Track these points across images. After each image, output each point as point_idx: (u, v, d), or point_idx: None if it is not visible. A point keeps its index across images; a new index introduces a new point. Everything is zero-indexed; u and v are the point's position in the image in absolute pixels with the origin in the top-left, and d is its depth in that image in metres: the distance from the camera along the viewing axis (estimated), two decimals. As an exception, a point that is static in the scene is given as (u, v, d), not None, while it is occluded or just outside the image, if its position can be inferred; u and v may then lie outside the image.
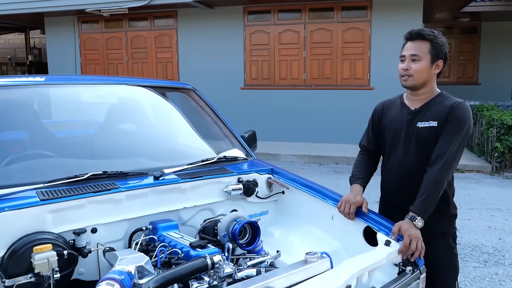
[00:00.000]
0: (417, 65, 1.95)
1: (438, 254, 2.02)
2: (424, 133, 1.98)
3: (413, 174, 2.00)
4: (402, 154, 2.06)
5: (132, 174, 2.03)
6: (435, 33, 1.97)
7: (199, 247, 1.65)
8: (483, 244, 4.24)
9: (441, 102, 1.99)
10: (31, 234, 1.61)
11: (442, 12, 10.79)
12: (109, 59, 10.66)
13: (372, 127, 2.23)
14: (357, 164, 2.24)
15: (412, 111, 2.05)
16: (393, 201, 2.15)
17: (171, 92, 2.96)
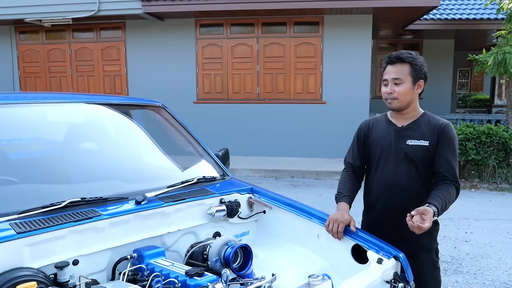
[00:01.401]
0: (400, 88, 2.02)
1: (423, 267, 2.08)
2: (414, 151, 2.04)
3: (403, 189, 2.07)
4: (391, 170, 2.10)
5: (112, 199, 1.90)
6: (412, 55, 2.04)
7: (196, 275, 1.56)
8: (441, 254, 4.41)
9: (428, 122, 2.08)
10: (9, 271, 1.45)
11: (388, 29, 11.40)
12: (51, 72, 10.10)
13: (357, 144, 2.27)
14: (342, 181, 2.26)
15: (400, 128, 2.11)
16: (380, 216, 2.17)
17: (140, 110, 2.84)
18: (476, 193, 7.15)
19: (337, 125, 9.02)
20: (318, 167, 8.35)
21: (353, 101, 8.95)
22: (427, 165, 2.06)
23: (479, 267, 4.08)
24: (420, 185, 2.08)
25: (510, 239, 4.87)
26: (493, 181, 7.63)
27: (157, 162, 2.54)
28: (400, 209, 2.01)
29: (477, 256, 4.37)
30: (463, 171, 8.00)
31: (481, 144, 7.49)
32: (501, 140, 7.35)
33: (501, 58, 7.51)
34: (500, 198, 6.78)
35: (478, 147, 7.50)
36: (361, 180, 2.31)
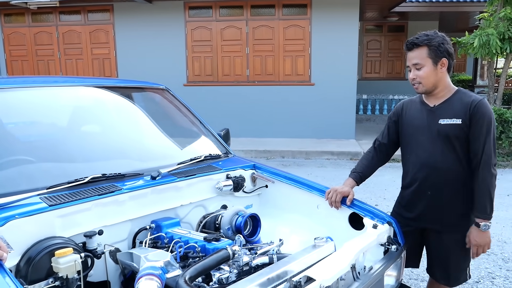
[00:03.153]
0: (421, 72, 2.01)
1: (455, 246, 2.16)
2: (447, 129, 2.03)
3: (438, 169, 2.08)
4: (426, 150, 2.11)
5: (129, 175, 2.05)
6: (428, 36, 2.00)
7: (214, 240, 1.73)
8: None
9: (461, 99, 2.04)
10: (44, 240, 1.59)
11: (374, 11, 11.53)
12: (39, 55, 10.00)
13: (389, 123, 2.30)
14: (362, 158, 2.37)
15: (432, 107, 2.10)
16: (413, 196, 2.21)
17: (145, 93, 2.96)
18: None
19: (325, 106, 9.20)
20: (308, 147, 8.56)
21: (341, 83, 9.11)
22: (462, 144, 2.04)
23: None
24: (456, 165, 2.07)
25: None
26: None
27: (165, 141, 2.68)
28: (435, 189, 2.10)
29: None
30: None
31: None
32: None
33: (484, 40, 7.68)
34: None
35: None
36: (384, 158, 2.36)
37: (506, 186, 6.22)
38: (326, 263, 1.62)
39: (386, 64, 13.75)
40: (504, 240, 4.22)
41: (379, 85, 13.19)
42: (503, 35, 7.66)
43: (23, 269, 1.50)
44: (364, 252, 1.90)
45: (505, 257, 3.84)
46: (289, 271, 1.55)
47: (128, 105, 2.78)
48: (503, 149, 7.95)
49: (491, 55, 7.89)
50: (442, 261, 2.18)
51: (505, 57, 8.21)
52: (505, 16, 7.60)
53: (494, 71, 9.05)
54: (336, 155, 8.23)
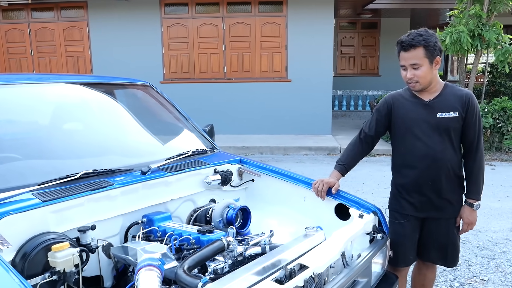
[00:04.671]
0: (419, 72, 2.07)
1: (452, 230, 2.32)
2: (446, 122, 2.13)
3: (437, 160, 2.17)
4: (424, 143, 2.18)
5: (120, 170, 2.06)
6: (423, 36, 2.05)
7: (207, 232, 1.77)
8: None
9: (453, 93, 2.16)
10: (38, 235, 1.59)
11: (348, 8, 11.72)
12: (10, 53, 9.73)
13: (378, 116, 2.34)
14: (346, 149, 2.43)
15: (427, 102, 2.17)
16: (415, 186, 2.27)
17: (129, 89, 2.95)
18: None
19: (302, 102, 9.32)
20: (286, 143, 8.65)
21: (317, 79, 9.25)
22: (456, 135, 2.17)
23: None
24: (452, 155, 2.19)
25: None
26: None
27: (152, 137, 2.68)
28: (434, 179, 2.20)
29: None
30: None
31: None
32: None
33: (456, 37, 7.90)
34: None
35: None
36: (368, 149, 2.43)
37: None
38: (318, 251, 1.68)
39: (360, 61, 13.99)
40: (478, 229, 4.39)
41: (353, 81, 13.43)
42: (473, 32, 7.91)
43: (19, 265, 1.50)
44: (352, 241, 1.97)
45: (480, 245, 4.01)
46: (283, 259, 1.60)
47: (114, 102, 2.77)
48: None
49: (463, 51, 8.11)
50: (441, 245, 2.31)
51: (475, 53, 8.48)
52: (474, 13, 7.83)
53: (465, 67, 9.34)
54: (314, 151, 8.36)
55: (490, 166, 7.25)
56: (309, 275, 1.50)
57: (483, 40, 8.00)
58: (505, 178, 6.43)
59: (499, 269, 3.53)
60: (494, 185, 6.04)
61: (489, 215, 4.82)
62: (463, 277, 3.40)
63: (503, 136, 8.02)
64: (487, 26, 7.92)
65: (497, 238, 4.18)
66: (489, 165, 7.31)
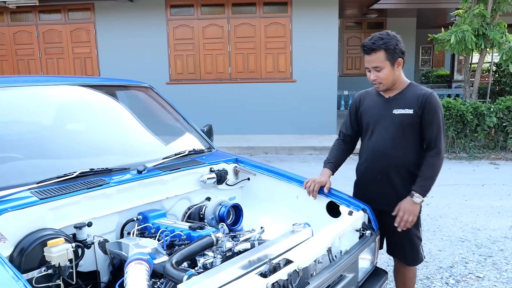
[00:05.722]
0: (381, 74, 2.17)
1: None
2: (400, 118, 2.22)
3: (387, 155, 2.26)
4: (379, 137, 2.29)
5: (116, 169, 2.13)
6: (384, 40, 2.14)
7: (198, 229, 1.84)
8: None
9: (413, 92, 2.24)
10: (36, 231, 1.67)
11: (354, 8, 11.73)
12: (19, 55, 9.91)
13: (350, 114, 2.47)
14: (331, 149, 2.52)
15: (387, 98, 2.29)
16: (366, 179, 2.40)
17: (129, 91, 3.03)
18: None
19: (307, 102, 9.36)
20: (290, 143, 8.70)
21: (322, 79, 9.28)
22: (412, 132, 2.23)
23: (438, 226, 4.51)
24: (405, 152, 2.25)
25: (465, 201, 5.33)
26: (452, 151, 8.08)
27: (150, 137, 2.76)
28: (383, 173, 2.28)
29: (436, 216, 4.79)
30: (425, 142, 8.51)
31: None
32: (459, 113, 7.77)
33: (460, 36, 7.88)
34: (458, 166, 7.29)
35: None
36: (352, 147, 2.53)
37: (481, 176, 6.49)
38: (304, 247, 1.74)
39: (366, 60, 13.95)
40: (477, 228, 4.43)
41: (359, 81, 13.42)
42: (478, 31, 7.90)
43: (17, 259, 1.58)
44: (340, 237, 2.04)
45: (478, 243, 4.04)
46: (269, 254, 1.66)
47: (114, 103, 2.86)
48: (479, 141, 8.20)
49: (467, 51, 8.11)
50: (398, 241, 2.35)
51: (479, 52, 8.46)
52: (479, 12, 7.84)
53: (470, 66, 9.31)
54: (319, 150, 8.40)
55: (494, 165, 7.25)
56: (293, 269, 1.56)
57: (488, 40, 8.00)
58: (508, 177, 6.43)
59: (495, 267, 3.56)
60: (496, 184, 6.05)
61: (489, 214, 4.84)
62: (459, 274, 3.44)
63: (507, 135, 7.99)
64: (491, 26, 7.93)
65: (495, 236, 4.20)
66: (493, 164, 7.32)
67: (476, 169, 7.05)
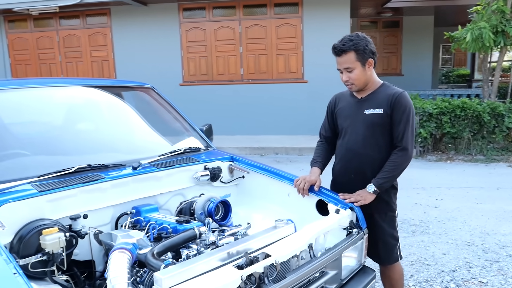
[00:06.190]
0: (352, 75, 2.24)
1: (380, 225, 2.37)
2: (370, 118, 2.28)
3: (359, 154, 2.33)
4: (351, 137, 2.36)
5: (112, 166, 2.26)
6: (353, 41, 2.19)
7: (184, 222, 1.95)
8: (411, 218, 4.78)
9: (384, 92, 2.30)
10: (33, 221, 1.80)
11: (367, 7, 11.67)
12: (41, 59, 10.28)
13: (327, 117, 2.56)
14: (316, 150, 2.61)
15: (359, 99, 2.36)
16: (341, 178, 2.48)
17: (131, 91, 3.18)
18: (451, 164, 7.47)
19: (318, 103, 9.33)
20: (301, 143, 8.75)
21: (333, 80, 9.19)
22: (383, 132, 2.28)
23: (445, 229, 4.44)
24: (376, 151, 2.31)
25: (477, 204, 5.19)
26: (468, 153, 7.87)
27: (148, 136, 2.89)
28: (357, 172, 2.35)
29: (444, 219, 4.71)
30: (439, 144, 8.31)
31: (456, 118, 7.72)
32: (475, 114, 7.57)
33: (477, 33, 7.61)
34: (474, 168, 7.10)
35: (453, 121, 7.74)
36: (334, 147, 2.58)
37: (497, 180, 6.31)
38: (283, 242, 1.81)
39: (382, 60, 13.84)
40: (487, 232, 4.33)
41: (374, 82, 13.30)
42: (496, 28, 7.63)
43: (16, 246, 1.72)
44: (325, 234, 2.08)
45: (485, 248, 3.94)
46: (248, 248, 1.75)
47: (115, 103, 3.00)
48: (498, 143, 7.97)
49: (485, 48, 7.83)
50: (372, 240, 2.35)
51: (499, 50, 8.22)
52: (497, 8, 7.57)
53: (489, 64, 9.08)
54: (329, 151, 8.41)
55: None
56: (269, 263, 1.62)
57: (507, 37, 7.72)
58: (525, 180, 6.27)
59: (501, 272, 3.46)
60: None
61: (501, 218, 4.72)
62: (461, 278, 3.37)
63: (527, 136, 7.76)
64: (511, 22, 7.64)
65: (505, 242, 4.09)
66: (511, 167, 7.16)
67: (492, 172, 6.86)
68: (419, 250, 3.95)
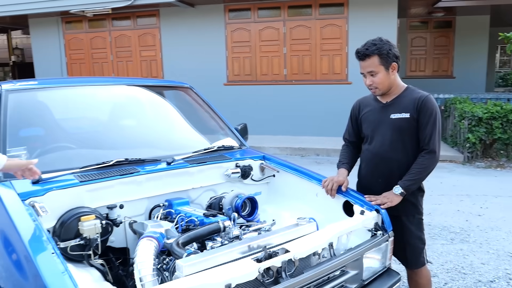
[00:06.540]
0: (376, 78, 2.26)
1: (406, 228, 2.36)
2: (397, 123, 2.30)
3: (387, 159, 2.34)
4: (378, 142, 2.37)
5: (148, 160, 2.41)
6: (377, 45, 2.22)
7: (211, 216, 2.05)
8: (451, 225, 4.63)
9: (409, 95, 2.31)
10: (74, 208, 1.97)
11: (417, 7, 11.32)
12: (94, 58, 10.87)
13: (351, 122, 2.59)
14: (342, 153, 2.64)
15: (384, 104, 2.37)
16: (367, 182, 2.49)
17: (170, 91, 3.34)
18: (502, 172, 7.15)
19: (362, 105, 9.24)
20: (343, 145, 8.66)
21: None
22: (410, 136, 2.29)
23: (487, 238, 4.27)
24: (402, 155, 2.31)
25: None
26: None
27: (184, 133, 3.03)
28: (384, 176, 2.35)
29: (487, 228, 4.53)
30: (490, 150, 7.98)
31: (508, 123, 7.41)
32: None
33: None
34: (527, 177, 6.71)
35: (505, 126, 7.43)
36: (359, 152, 2.61)
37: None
38: (304, 239, 1.86)
39: (432, 62, 13.38)
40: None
41: (424, 84, 12.84)
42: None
43: (58, 230, 1.89)
44: (348, 234, 2.11)
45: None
46: (268, 243, 1.82)
47: (155, 101, 3.18)
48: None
49: (541, 51, 7.49)
50: (399, 243, 2.34)
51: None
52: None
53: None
54: (371, 153, 8.28)
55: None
56: (287, 258, 1.68)
57: None
58: None
59: None
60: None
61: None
62: (499, 291, 3.25)
63: None
64: None
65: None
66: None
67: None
68: (456, 258, 3.84)
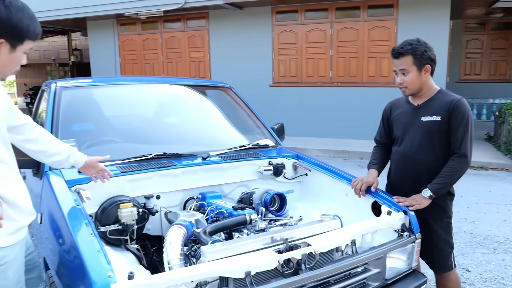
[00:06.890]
0: (407, 78, 2.27)
1: (435, 231, 2.35)
2: (428, 126, 2.29)
3: (416, 161, 2.34)
4: (408, 144, 2.38)
5: (185, 155, 2.56)
6: (412, 45, 2.24)
7: (239, 209, 2.15)
8: (495, 235, 4.44)
9: (441, 98, 2.30)
10: (114, 197, 2.15)
11: (473, 8, 10.84)
12: (146, 59, 11.38)
13: (383, 123, 2.61)
14: (373, 154, 2.66)
15: (416, 106, 2.37)
16: (396, 183, 2.50)
17: (211, 90, 3.49)
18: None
19: (410, 108, 9.01)
20: (388, 149, 8.49)
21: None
22: (440, 139, 2.28)
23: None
24: (432, 158, 2.31)
25: None
26: None
27: (221, 130, 3.17)
28: (413, 178, 2.36)
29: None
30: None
31: None
32: None
33: None
34: None
35: None
36: (389, 153, 2.61)
37: None
38: (326, 235, 1.92)
39: (489, 65, 12.74)
40: None
41: (478, 88, 12.31)
42: None
43: (99, 216, 2.08)
44: (373, 233, 2.13)
45: None
46: (291, 236, 1.88)
47: (196, 100, 3.35)
48: None
49: None
50: (426, 246, 2.31)
51: None
52: None
53: None
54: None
55: None
56: (308, 252, 1.74)
57: None
58: None
59: None
60: None
61: None
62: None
63: None
64: None
65: None
66: None
67: None
68: (497, 268, 3.70)
